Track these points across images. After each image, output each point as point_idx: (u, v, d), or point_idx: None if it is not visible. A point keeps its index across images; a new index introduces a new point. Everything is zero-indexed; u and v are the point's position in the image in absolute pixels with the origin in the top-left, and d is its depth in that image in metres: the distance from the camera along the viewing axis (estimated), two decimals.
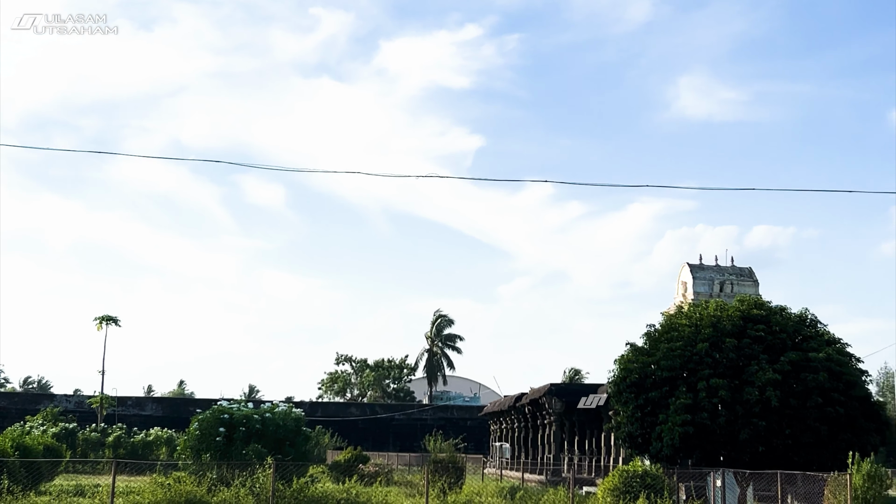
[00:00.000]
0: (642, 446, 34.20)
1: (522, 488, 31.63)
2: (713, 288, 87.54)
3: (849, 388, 31.85)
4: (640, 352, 34.95)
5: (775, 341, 32.96)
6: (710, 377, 31.85)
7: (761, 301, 36.47)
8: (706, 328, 33.68)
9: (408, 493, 28.15)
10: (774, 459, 31.06)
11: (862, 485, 22.83)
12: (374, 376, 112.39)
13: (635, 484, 24.70)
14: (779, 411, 30.83)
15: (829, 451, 30.93)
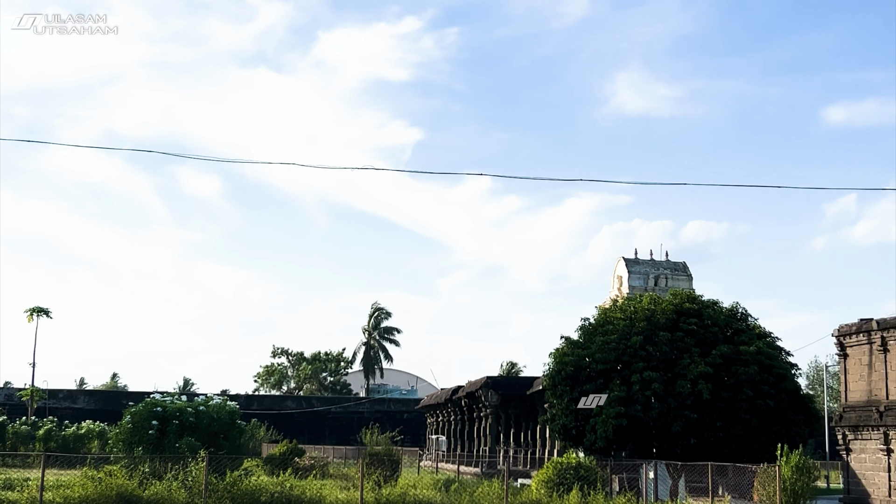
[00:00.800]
0: (577, 438, 34.52)
1: (457, 481, 31.75)
2: (648, 282, 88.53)
3: (779, 382, 32.42)
4: (575, 345, 35.24)
5: (707, 335, 33.45)
6: (644, 370, 32.21)
7: (694, 295, 37.02)
8: (640, 322, 34.06)
9: (343, 486, 28.07)
10: (706, 451, 31.52)
11: (790, 476, 23.25)
12: (310, 369, 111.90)
13: (569, 476, 24.92)
14: (710, 404, 31.30)
15: (759, 443, 31.48)
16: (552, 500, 23.05)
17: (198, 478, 23.66)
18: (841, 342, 33.71)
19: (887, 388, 31.38)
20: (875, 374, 31.94)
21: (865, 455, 31.89)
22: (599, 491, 24.23)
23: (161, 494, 23.01)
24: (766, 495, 24.04)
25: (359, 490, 22.99)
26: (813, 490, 26.14)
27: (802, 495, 23.33)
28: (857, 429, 32.23)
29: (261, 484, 24.79)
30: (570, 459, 26.12)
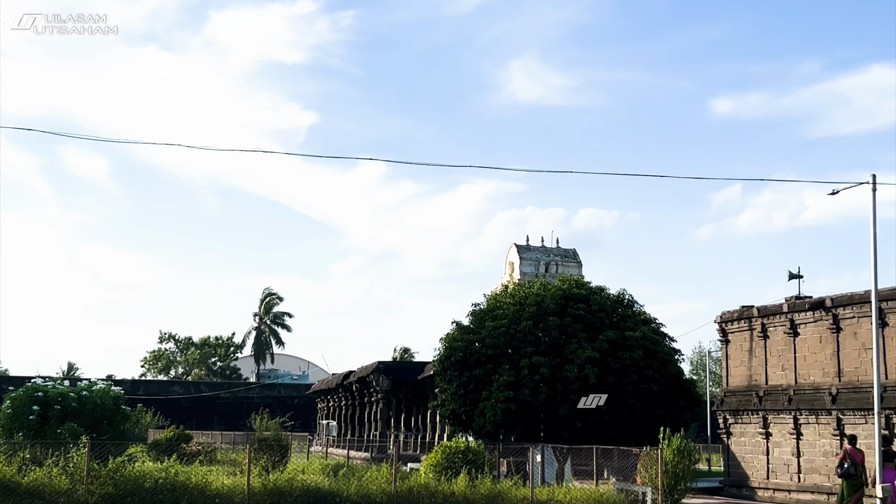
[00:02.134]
0: (466, 423, 34.78)
1: (347, 465, 31.66)
2: (539, 268, 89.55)
3: (662, 366, 33.18)
4: (466, 330, 35.47)
5: (595, 320, 34.02)
6: (533, 355, 32.61)
7: (582, 281, 37.62)
8: (530, 307, 34.45)
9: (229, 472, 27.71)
10: (592, 435, 32.08)
11: (672, 459, 23.78)
12: (199, 354, 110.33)
13: (457, 460, 25.07)
14: (596, 388, 31.87)
15: (642, 427, 32.18)
16: (440, 483, 23.15)
17: (79, 464, 23.08)
18: (723, 328, 34.62)
19: (767, 373, 32.36)
20: (755, 359, 32.91)
21: (745, 438, 32.85)
22: (487, 474, 24.43)
23: (41, 481, 22.38)
24: (648, 478, 24.56)
25: (245, 475, 22.72)
26: (694, 472, 26.80)
27: (683, 478, 23.89)
28: (738, 413, 33.17)
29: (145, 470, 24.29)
30: (459, 443, 26.29)
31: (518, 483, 24.05)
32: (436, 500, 22.50)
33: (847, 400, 28.84)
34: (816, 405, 29.90)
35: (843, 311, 29.56)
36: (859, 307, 28.64)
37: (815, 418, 30.01)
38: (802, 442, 30.45)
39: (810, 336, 30.80)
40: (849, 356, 29.25)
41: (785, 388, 31.34)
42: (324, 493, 22.03)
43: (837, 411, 29.11)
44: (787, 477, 30.93)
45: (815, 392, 30.17)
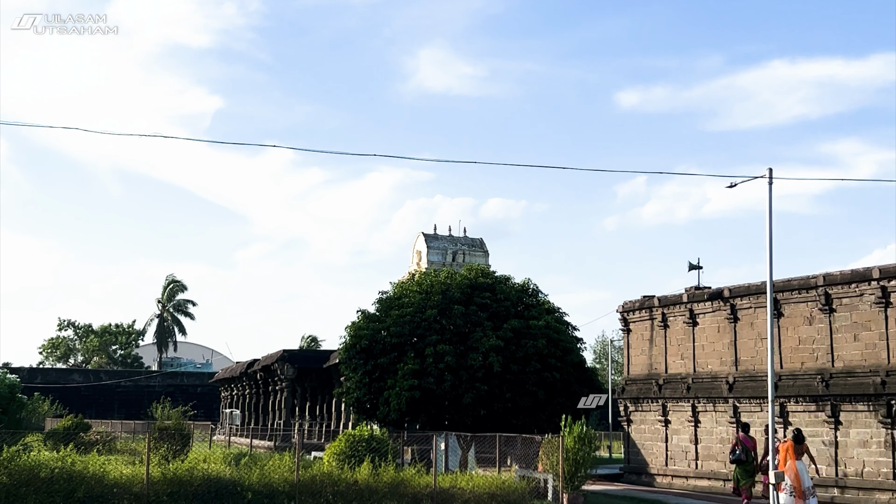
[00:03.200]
0: (371, 411, 34.74)
1: (249, 454, 31.38)
2: (446, 257, 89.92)
3: (565, 355, 33.58)
4: (372, 318, 35.41)
5: (500, 309, 34.25)
6: (438, 343, 32.71)
7: (488, 270, 37.86)
8: (436, 295, 34.53)
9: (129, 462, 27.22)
10: (495, 422, 32.32)
11: (573, 446, 24.07)
12: (99, 342, 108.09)
13: (361, 448, 25.00)
14: (500, 376, 32.10)
15: (545, 414, 32.54)
16: (343, 472, 23.05)
17: None
18: (625, 318, 35.18)
19: (666, 362, 33.00)
20: (656, 348, 33.53)
21: (645, 426, 33.46)
22: (391, 462, 24.42)
23: None
24: (549, 465, 24.85)
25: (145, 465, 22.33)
26: (595, 460, 27.20)
27: (584, 464, 24.21)
28: (638, 401, 33.77)
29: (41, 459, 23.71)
30: (363, 432, 26.23)
31: (421, 471, 24.11)
32: (338, 488, 22.41)
33: (743, 388, 29.57)
34: (714, 393, 30.59)
35: (740, 302, 30.28)
36: (756, 298, 29.38)
37: (712, 406, 30.71)
38: (700, 429, 31.14)
39: (709, 326, 31.48)
40: (745, 346, 29.99)
41: (684, 377, 32.00)
42: (225, 483, 21.78)
43: (734, 399, 29.83)
44: (685, 463, 31.61)
45: (712, 380, 30.86)
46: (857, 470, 25.96)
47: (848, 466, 26.21)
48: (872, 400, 25.58)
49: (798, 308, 28.28)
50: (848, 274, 26.93)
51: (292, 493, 22.02)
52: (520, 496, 23.51)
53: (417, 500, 22.78)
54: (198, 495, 21.31)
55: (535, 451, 27.21)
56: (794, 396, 27.77)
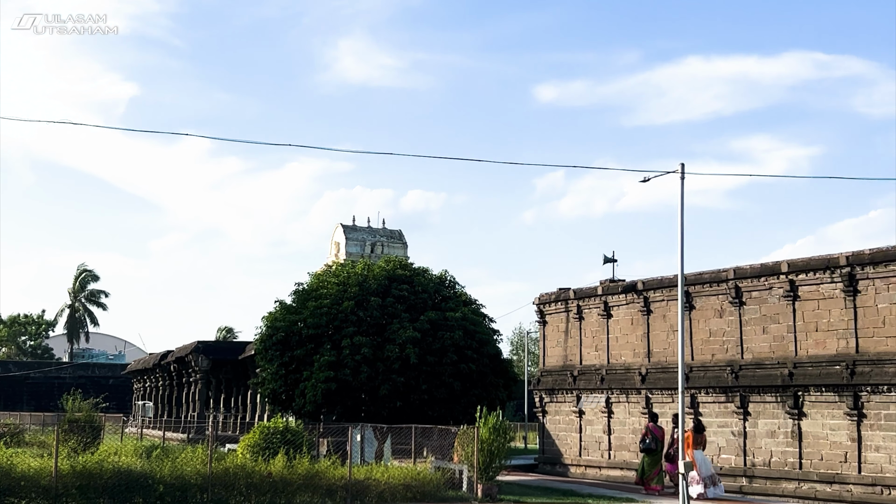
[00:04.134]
0: (286, 403, 34.52)
1: (161, 447, 30.93)
2: (365, 249, 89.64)
3: (481, 346, 33.72)
4: (288, 310, 35.15)
5: (417, 301, 34.27)
6: (355, 335, 32.61)
7: (406, 262, 37.87)
8: (353, 287, 34.41)
9: (37, 454, 26.67)
10: (412, 414, 32.36)
11: (488, 437, 24.19)
12: (8, 332, 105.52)
13: (275, 440, 24.85)
14: (417, 368, 32.14)
15: (461, 406, 32.68)
16: (257, 464, 22.89)
17: None
18: (541, 310, 35.48)
19: (581, 353, 33.36)
20: (571, 340, 33.88)
21: (560, 417, 33.80)
22: (306, 454, 24.31)
23: None
24: (464, 455, 24.96)
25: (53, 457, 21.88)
26: (509, 450, 27.40)
27: (498, 455, 24.36)
28: (553, 392, 34.09)
29: None
30: (278, 423, 26.07)
31: (336, 462, 24.05)
32: (252, 480, 22.24)
33: (656, 380, 30.04)
34: (627, 384, 31.03)
35: (653, 295, 30.74)
36: (668, 291, 29.85)
37: (625, 397, 31.14)
38: (613, 420, 31.55)
39: (623, 318, 31.91)
40: (658, 338, 30.46)
41: (598, 368, 32.39)
42: (136, 475, 21.45)
43: (646, 390, 30.29)
44: (598, 454, 32.01)
45: (626, 372, 31.29)
46: (764, 460, 26.56)
47: (756, 456, 26.80)
48: (780, 391, 26.19)
49: (709, 301, 28.80)
50: (757, 268, 27.51)
51: (205, 486, 21.79)
52: (434, 487, 23.61)
53: (332, 492, 22.73)
54: (108, 488, 20.96)
55: (450, 443, 27.30)
56: (705, 387, 28.30)
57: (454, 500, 23.37)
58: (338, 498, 22.61)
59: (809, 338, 25.92)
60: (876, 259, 24.35)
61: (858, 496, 23.92)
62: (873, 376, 24.00)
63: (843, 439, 24.67)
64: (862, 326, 24.63)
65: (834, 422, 24.93)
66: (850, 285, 24.86)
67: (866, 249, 24.75)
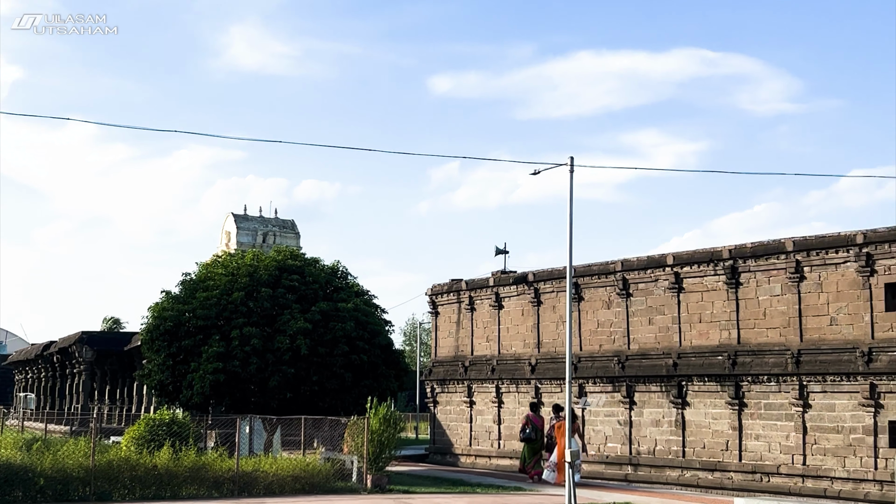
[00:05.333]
0: (173, 395, 33.91)
1: (43, 439, 30.09)
2: (257, 238, 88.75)
3: (373, 337, 33.60)
4: (176, 300, 34.47)
5: (308, 291, 33.96)
6: (245, 326, 32.16)
7: (297, 252, 37.51)
8: (243, 277, 33.91)
9: None
10: (302, 405, 32.10)
11: (378, 428, 24.22)
12: None
13: (161, 432, 24.43)
14: (308, 359, 31.86)
15: (352, 397, 32.55)
16: (142, 456, 22.48)
17: None
18: (433, 301, 35.61)
19: (473, 344, 33.59)
20: (462, 331, 34.07)
21: (451, 407, 33.98)
22: (192, 446, 23.96)
23: None
24: (354, 446, 24.92)
25: None
26: (400, 441, 27.47)
27: (388, 445, 24.40)
28: (445, 382, 34.26)
29: None
30: (164, 416, 25.62)
31: (224, 455, 23.77)
32: (137, 473, 21.84)
33: (545, 370, 30.42)
34: (517, 375, 31.36)
35: (543, 286, 31.11)
36: (558, 282, 30.24)
37: (515, 387, 31.46)
38: (503, 410, 31.86)
39: (514, 309, 32.21)
40: (548, 328, 30.84)
41: (489, 359, 32.65)
42: (15, 469, 20.85)
43: (536, 380, 30.66)
44: (488, 443, 32.29)
45: (516, 362, 31.61)
46: (649, 448, 27.13)
47: (641, 445, 27.36)
48: (664, 381, 26.78)
49: (598, 293, 29.27)
50: (644, 260, 28.06)
51: (87, 479, 21.30)
52: (324, 478, 23.53)
53: (219, 485, 22.47)
54: None
55: (341, 434, 27.19)
56: (593, 377, 28.77)
57: (343, 491, 23.32)
58: (225, 490, 22.37)
59: (693, 329, 26.55)
60: (757, 252, 25.06)
61: (739, 483, 24.61)
62: (754, 366, 24.71)
63: (724, 428, 25.35)
64: (743, 318, 25.34)
65: (716, 411, 25.60)
66: (733, 278, 25.53)
67: (748, 243, 25.46)
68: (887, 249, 22.55)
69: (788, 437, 23.94)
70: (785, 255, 24.46)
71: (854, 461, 22.67)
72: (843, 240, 23.44)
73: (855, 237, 23.13)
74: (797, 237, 24.45)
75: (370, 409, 24.43)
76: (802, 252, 24.14)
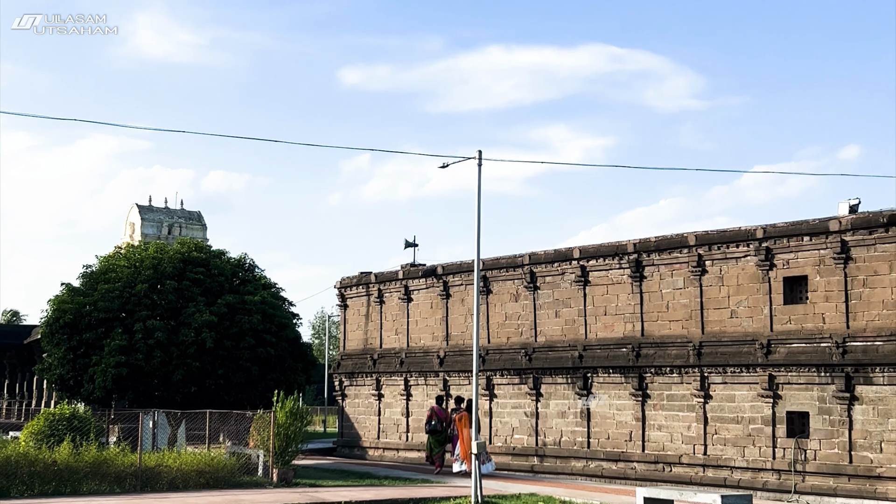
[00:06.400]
0: (74, 389, 33.28)
1: None
2: (162, 230, 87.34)
3: (280, 330, 33.43)
4: (77, 292, 33.82)
5: (214, 284, 33.63)
6: (148, 319, 31.73)
7: (202, 244, 37.06)
8: (147, 270, 33.41)
9: None
10: (207, 399, 31.78)
11: (285, 421, 24.02)
12: None
13: (61, 427, 23.85)
14: (213, 352, 31.56)
15: (258, 390, 32.33)
16: (41, 451, 21.94)
17: None
18: (342, 294, 35.43)
19: (382, 337, 33.52)
20: (371, 323, 33.98)
21: (359, 400, 33.87)
22: (94, 441, 23.46)
23: None
24: (261, 440, 24.69)
25: None
26: (308, 434, 27.31)
27: (295, 439, 24.22)
28: (353, 375, 34.13)
29: None
30: (64, 410, 25.05)
31: (127, 450, 23.32)
32: (35, 469, 21.29)
33: (453, 362, 30.51)
34: (426, 367, 31.39)
35: (452, 279, 31.18)
36: (467, 275, 30.33)
37: (423, 380, 31.49)
38: (412, 402, 31.87)
39: (423, 302, 32.23)
40: (456, 321, 30.93)
41: (398, 352, 32.62)
42: None
43: (444, 373, 30.72)
44: (396, 436, 32.27)
45: (425, 355, 31.64)
46: (555, 439, 27.42)
47: (547, 436, 27.63)
48: (570, 373, 27.07)
49: (506, 286, 29.45)
50: (551, 254, 28.31)
51: None
52: (229, 472, 23.26)
53: (121, 479, 22.05)
54: None
55: (247, 428, 26.95)
56: (500, 370, 28.94)
57: (249, 486, 23.08)
58: (127, 485, 21.96)
59: (599, 321, 26.89)
60: (661, 246, 25.48)
61: (642, 473, 25.02)
62: (657, 358, 25.13)
63: (628, 419, 25.74)
64: (647, 311, 25.75)
65: (620, 402, 25.98)
66: (637, 271, 25.92)
67: (652, 237, 25.87)
68: (786, 244, 23.13)
69: (690, 427, 24.42)
70: (687, 249, 24.90)
71: (753, 451, 23.22)
72: (743, 234, 23.96)
73: (755, 232, 23.67)
74: (699, 231, 24.91)
75: (277, 403, 24.22)
76: (704, 246, 24.61)
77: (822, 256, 22.45)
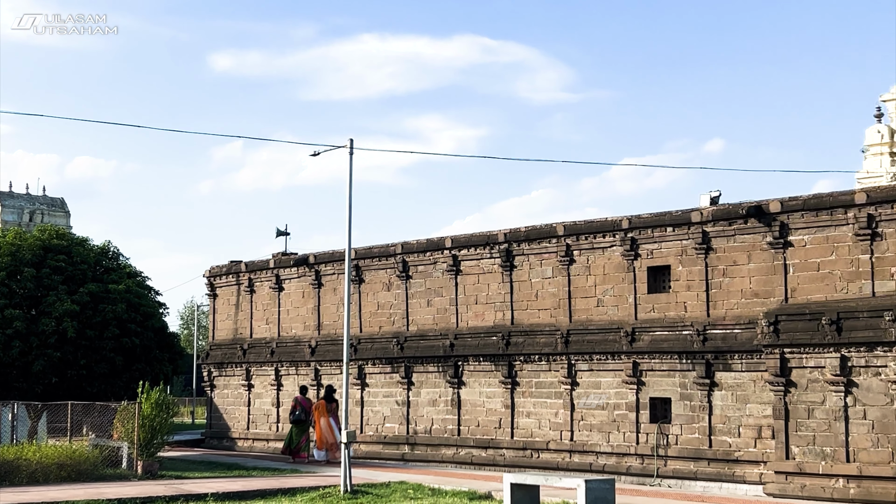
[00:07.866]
0: None
1: None
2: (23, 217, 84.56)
3: (146, 320, 32.75)
4: None
5: (76, 272, 32.70)
6: (6, 308, 30.65)
7: (63, 231, 35.98)
8: (4, 257, 32.27)
9: None
10: (69, 390, 30.93)
11: (150, 412, 23.55)
12: None
13: None
14: (75, 342, 30.71)
15: (123, 381, 31.62)
16: None
17: None
18: (212, 283, 34.85)
19: (252, 327, 33.11)
20: (241, 313, 33.53)
21: (229, 391, 33.40)
22: None
23: None
24: (125, 432, 24.14)
25: None
26: (175, 426, 26.80)
27: (161, 431, 23.76)
28: (223, 366, 33.63)
29: None
30: None
31: None
32: None
33: (325, 352, 30.34)
34: (297, 357, 31.13)
35: (324, 268, 30.98)
36: (339, 264, 30.17)
37: (295, 370, 31.23)
38: (282, 392, 31.59)
39: (294, 291, 31.94)
40: (329, 310, 30.75)
41: (269, 341, 32.27)
42: None
43: (316, 363, 30.53)
44: (266, 427, 31.95)
45: (296, 344, 31.38)
46: (426, 427, 27.54)
47: (419, 424, 27.73)
48: (442, 361, 27.21)
49: (378, 275, 29.41)
50: (424, 243, 28.38)
51: None
52: (91, 465, 22.68)
53: None
54: None
55: (111, 419, 26.31)
56: (372, 359, 28.91)
57: (112, 479, 22.51)
58: None
59: (470, 310, 27.10)
60: (531, 236, 25.81)
61: (510, 459, 25.33)
62: (526, 346, 25.46)
63: (498, 406, 26.03)
64: (517, 300, 26.06)
65: (490, 390, 26.24)
66: (508, 261, 26.20)
67: (522, 227, 26.17)
68: (650, 234, 23.69)
69: (557, 414, 24.82)
70: (556, 240, 25.28)
71: (618, 436, 23.74)
72: (609, 225, 24.44)
73: (621, 222, 24.17)
74: (568, 222, 25.31)
75: (142, 394, 23.69)
76: (572, 236, 25.01)
77: (684, 247, 23.07)
